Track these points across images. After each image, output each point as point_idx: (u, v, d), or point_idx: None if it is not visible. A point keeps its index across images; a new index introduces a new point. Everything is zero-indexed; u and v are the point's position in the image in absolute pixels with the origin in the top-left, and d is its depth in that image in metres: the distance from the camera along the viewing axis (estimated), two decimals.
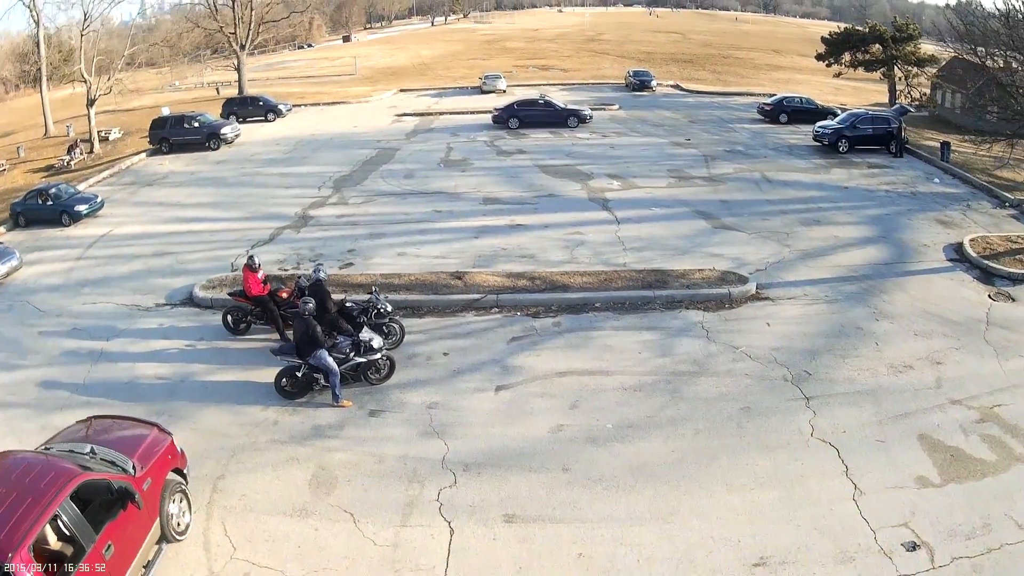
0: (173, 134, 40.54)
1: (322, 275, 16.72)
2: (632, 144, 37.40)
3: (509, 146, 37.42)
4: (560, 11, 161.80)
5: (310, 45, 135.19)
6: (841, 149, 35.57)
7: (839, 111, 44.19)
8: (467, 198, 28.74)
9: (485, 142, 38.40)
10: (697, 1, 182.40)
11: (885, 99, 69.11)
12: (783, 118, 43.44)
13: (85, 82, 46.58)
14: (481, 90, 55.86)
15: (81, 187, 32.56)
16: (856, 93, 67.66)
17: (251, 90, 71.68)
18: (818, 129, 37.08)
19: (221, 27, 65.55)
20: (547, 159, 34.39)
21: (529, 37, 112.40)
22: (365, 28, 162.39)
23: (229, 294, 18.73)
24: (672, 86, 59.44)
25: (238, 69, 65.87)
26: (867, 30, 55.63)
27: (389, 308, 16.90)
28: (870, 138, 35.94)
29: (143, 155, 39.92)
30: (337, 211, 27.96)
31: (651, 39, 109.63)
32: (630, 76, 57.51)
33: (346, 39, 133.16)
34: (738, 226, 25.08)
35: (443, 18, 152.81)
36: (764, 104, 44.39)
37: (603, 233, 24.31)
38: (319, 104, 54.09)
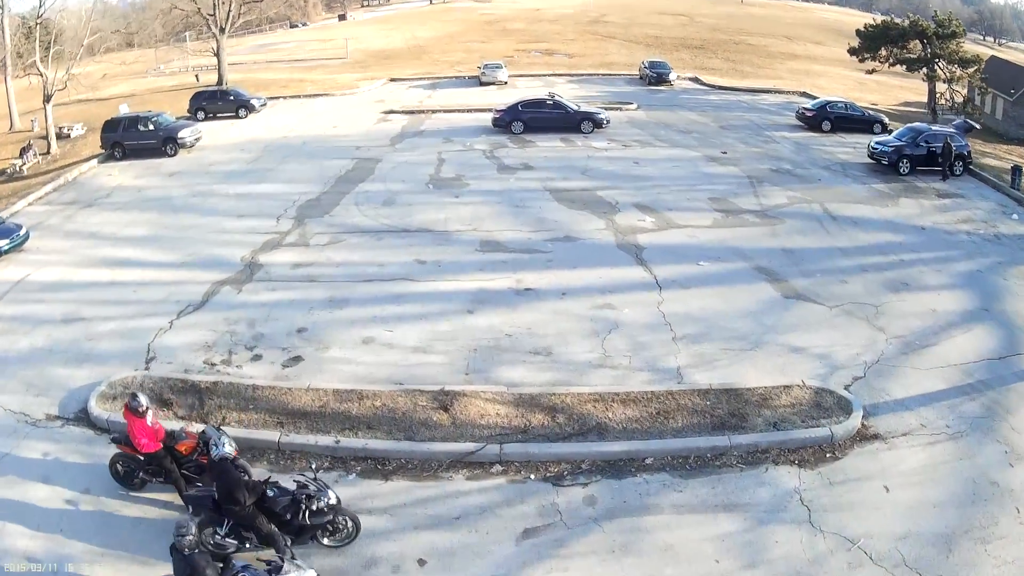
0: (127, 138, 33.53)
1: (226, 450, 9.92)
2: (659, 158, 30.34)
3: (512, 159, 30.28)
4: None
5: (304, 24, 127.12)
6: (902, 170, 29.07)
7: (884, 118, 37.39)
8: (460, 240, 21.80)
9: (484, 152, 31.27)
10: None
11: (915, 97, 62.02)
12: (826, 126, 36.47)
13: (41, 76, 39.53)
14: (480, 81, 48.53)
15: (8, 212, 25.82)
16: (881, 89, 60.65)
17: (234, 75, 64.32)
18: (876, 146, 30.27)
19: (199, 8, 58.19)
20: (559, 179, 27.35)
21: (530, 18, 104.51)
22: (363, 6, 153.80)
23: (112, 440, 11.96)
24: (691, 79, 52.09)
25: (217, 55, 58.49)
26: (907, 24, 48.20)
27: (333, 500, 10.12)
28: (932, 157, 29.38)
29: (94, 162, 32.98)
30: (294, 256, 21.06)
31: (657, 21, 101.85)
32: (645, 68, 50.10)
33: (342, 18, 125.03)
34: (813, 294, 18.37)
35: None
36: (805, 109, 37.29)
37: (642, 307, 17.46)
38: (299, 96, 46.78)
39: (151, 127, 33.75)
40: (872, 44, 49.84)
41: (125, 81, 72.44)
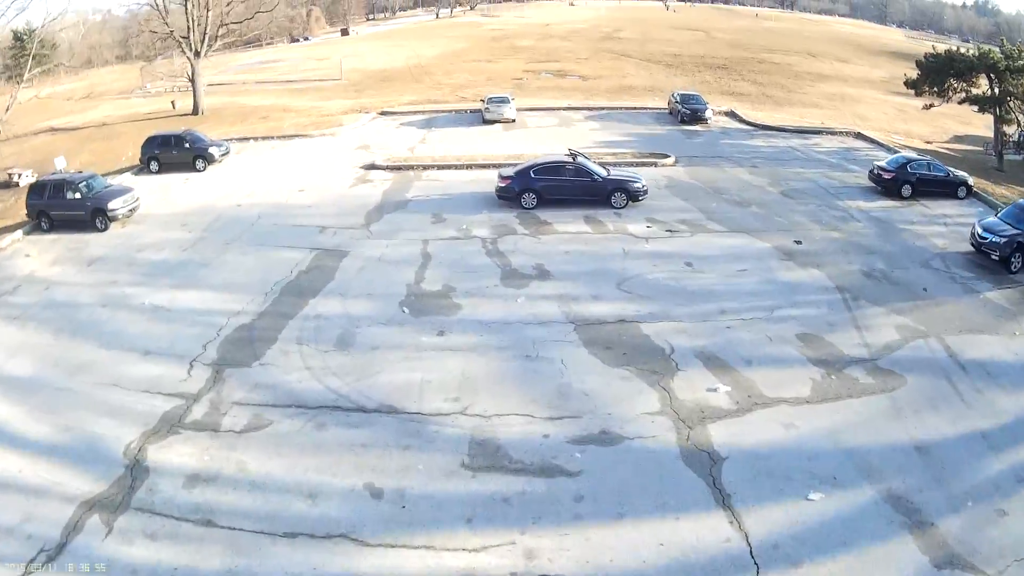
0: (53, 207, 25.92)
1: None
2: (719, 254, 21.78)
3: (522, 255, 21.71)
4: (572, 4, 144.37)
5: (307, 38, 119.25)
6: (1014, 267, 21.26)
7: (967, 178, 29.24)
8: (438, 438, 13.50)
9: (484, 242, 22.78)
10: None
11: (962, 128, 53.52)
12: (906, 191, 28.16)
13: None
14: (483, 118, 40.10)
15: None
16: (925, 118, 52.07)
17: (219, 98, 56.29)
18: (984, 235, 21.84)
19: (172, 31, 50.23)
20: (587, 298, 18.92)
21: (540, 34, 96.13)
22: (367, 19, 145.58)
23: None
24: (727, 114, 43.59)
25: (192, 80, 50.50)
26: (974, 56, 39.70)
27: None
28: None
29: (19, 233, 25.38)
30: (194, 458, 13.15)
31: (674, 37, 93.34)
32: (676, 102, 41.53)
33: (344, 32, 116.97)
34: (970, 548, 10.47)
35: (448, 10, 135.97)
36: (881, 170, 28.86)
37: None
38: (272, 139, 38.53)
39: (79, 194, 25.93)
40: (934, 78, 41.42)
41: (110, 101, 64.85)
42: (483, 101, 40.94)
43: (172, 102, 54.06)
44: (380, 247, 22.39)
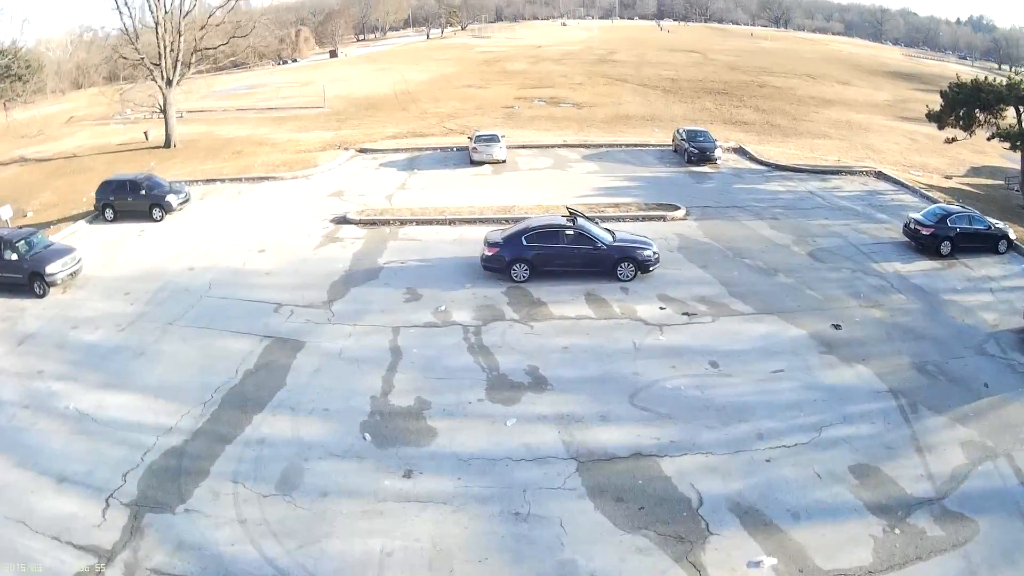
0: None
1: None
2: (747, 347, 17.86)
3: (512, 353, 17.68)
4: (564, 24, 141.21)
5: (295, 60, 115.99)
6: None
7: (1008, 230, 25.75)
8: None
9: (465, 332, 18.80)
10: (705, 13, 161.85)
11: (978, 158, 50.06)
12: (945, 248, 24.62)
13: None
14: (470, 159, 36.30)
15: None
16: (937, 148, 48.76)
17: (194, 127, 52.68)
18: None
19: (143, 57, 46.55)
20: (593, 422, 14.91)
21: (532, 56, 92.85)
22: (357, 40, 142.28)
23: None
24: (736, 151, 39.91)
25: (164, 111, 46.85)
26: (1003, 86, 36.26)
27: None
28: None
29: None
30: None
31: (669, 60, 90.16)
32: (682, 139, 37.64)
33: (333, 54, 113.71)
34: None
35: (439, 31, 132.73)
36: (919, 226, 25.19)
37: None
38: (240, 180, 34.75)
39: (17, 255, 22.33)
40: (961, 110, 37.93)
41: (89, 128, 61.26)
42: (471, 139, 37.18)
43: (145, 132, 50.40)
44: (342, 336, 18.55)
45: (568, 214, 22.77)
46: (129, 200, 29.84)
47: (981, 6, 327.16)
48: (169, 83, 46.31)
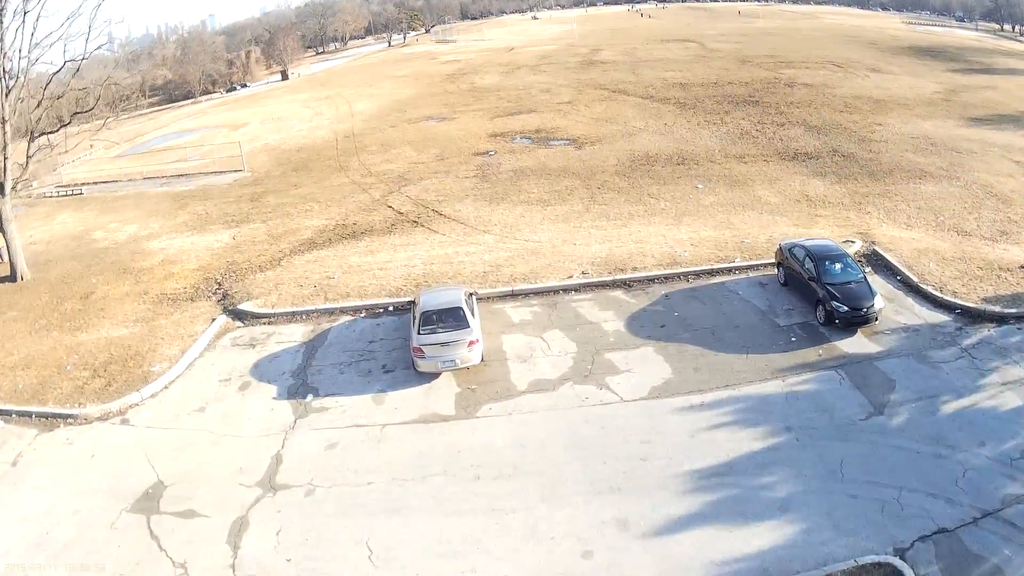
0: None
1: None
2: None
3: None
4: (535, 18, 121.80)
5: (244, 85, 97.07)
6: None
7: None
8: None
9: None
10: None
11: None
12: None
13: None
14: (415, 366, 17.27)
15: None
16: None
17: (70, 212, 34.92)
18: None
19: None
20: None
21: (505, 64, 74.19)
22: (317, 53, 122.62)
23: None
24: (868, 259, 21.94)
25: (2, 229, 28.65)
26: None
27: None
28: None
29: None
30: None
31: (666, 55, 71.73)
32: (800, 266, 19.23)
33: (284, 76, 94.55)
34: None
35: (402, 36, 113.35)
36: None
37: None
38: (26, 418, 16.69)
39: None
40: None
41: None
42: (415, 318, 17.83)
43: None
44: None
45: None
46: None
47: None
48: (1, 190, 28.26)
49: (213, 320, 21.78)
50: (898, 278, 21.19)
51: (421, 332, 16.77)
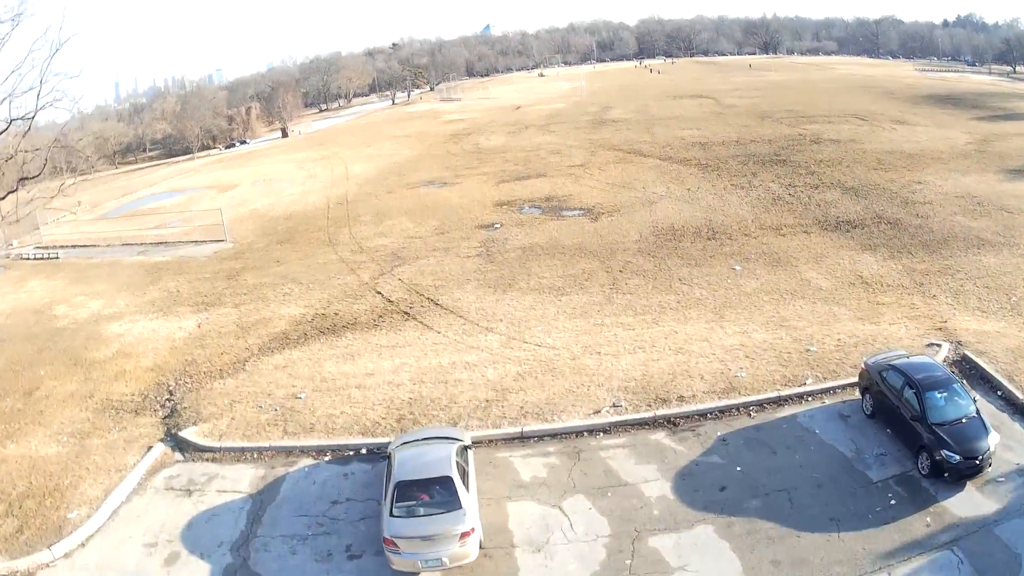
0: None
1: None
2: None
3: None
4: (541, 75, 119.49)
5: (244, 142, 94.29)
6: None
7: None
8: None
9: None
10: (690, 48, 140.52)
11: None
12: None
13: None
14: (389, 562, 12.08)
15: None
16: None
17: (46, 281, 30.72)
18: None
19: None
20: None
21: (511, 123, 70.78)
22: (320, 111, 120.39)
23: None
24: (959, 366, 17.26)
25: None
26: None
27: None
28: None
29: None
30: None
31: (680, 112, 68.13)
32: (891, 391, 14.65)
33: (284, 134, 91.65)
34: None
35: (406, 94, 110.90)
36: None
37: None
38: None
39: None
40: None
41: None
42: (387, 485, 12.75)
43: None
44: None
45: None
46: None
47: (965, 4, 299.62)
48: None
49: (149, 449, 17.24)
50: (999, 393, 16.46)
51: (395, 514, 11.99)
